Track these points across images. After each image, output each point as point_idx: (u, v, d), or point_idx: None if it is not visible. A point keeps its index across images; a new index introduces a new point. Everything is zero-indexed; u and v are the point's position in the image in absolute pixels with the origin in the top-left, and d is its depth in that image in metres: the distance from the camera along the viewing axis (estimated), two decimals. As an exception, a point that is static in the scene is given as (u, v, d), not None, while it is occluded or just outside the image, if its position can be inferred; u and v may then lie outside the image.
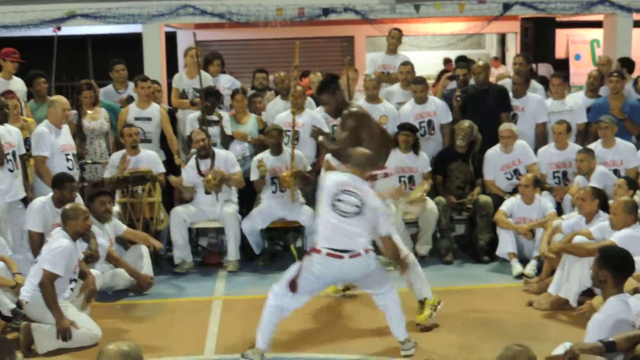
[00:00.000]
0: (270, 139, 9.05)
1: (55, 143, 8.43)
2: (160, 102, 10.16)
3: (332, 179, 6.14)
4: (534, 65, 12.23)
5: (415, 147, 9.25)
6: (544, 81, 11.06)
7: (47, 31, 12.12)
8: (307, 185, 9.14)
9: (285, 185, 8.89)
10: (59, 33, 11.12)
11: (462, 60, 11.62)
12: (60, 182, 7.66)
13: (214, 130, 9.30)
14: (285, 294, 6.01)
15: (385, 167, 6.73)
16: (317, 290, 6.18)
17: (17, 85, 9.51)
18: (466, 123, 9.30)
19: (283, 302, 6.03)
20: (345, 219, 5.97)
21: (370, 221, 6.04)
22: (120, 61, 10.37)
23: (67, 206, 6.95)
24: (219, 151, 9.09)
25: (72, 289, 6.85)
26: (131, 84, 10.14)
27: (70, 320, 6.47)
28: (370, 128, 6.77)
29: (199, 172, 8.93)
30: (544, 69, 14.71)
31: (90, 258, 7.29)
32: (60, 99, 8.64)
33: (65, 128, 8.67)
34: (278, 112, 9.73)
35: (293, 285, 5.98)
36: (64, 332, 6.40)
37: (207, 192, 8.95)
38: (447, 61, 17.50)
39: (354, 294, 7.62)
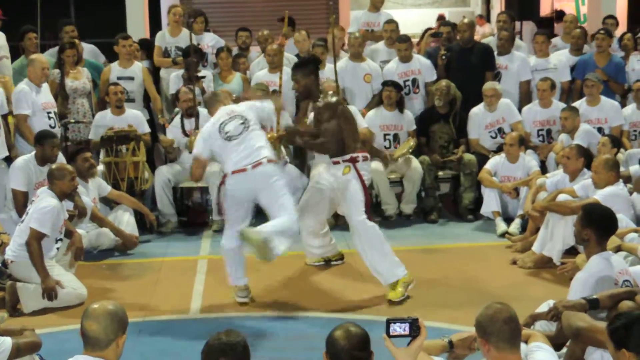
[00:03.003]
0: (255, 99, 8.98)
1: (36, 101, 8.33)
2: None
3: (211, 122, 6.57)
4: (517, 24, 12.17)
5: (400, 105, 9.22)
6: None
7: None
8: (292, 144, 9.09)
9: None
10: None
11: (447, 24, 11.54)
12: (42, 139, 7.59)
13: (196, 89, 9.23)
14: (231, 235, 6.37)
15: (365, 151, 6.82)
16: (243, 216, 6.45)
17: (2, 40, 9.40)
18: (443, 83, 9.24)
19: (232, 242, 6.37)
20: (239, 138, 6.32)
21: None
22: (70, 22, 10.17)
23: (54, 166, 6.92)
24: (203, 110, 9.03)
25: (57, 249, 6.84)
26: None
27: (56, 280, 6.47)
28: (345, 116, 6.71)
29: (184, 131, 8.89)
30: (527, 27, 14.66)
31: (79, 215, 7.29)
32: (40, 57, 8.55)
33: (45, 86, 8.57)
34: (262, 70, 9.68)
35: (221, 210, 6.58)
36: (50, 292, 6.40)
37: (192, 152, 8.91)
38: (440, 18, 17.39)
39: (339, 263, 7.54)
